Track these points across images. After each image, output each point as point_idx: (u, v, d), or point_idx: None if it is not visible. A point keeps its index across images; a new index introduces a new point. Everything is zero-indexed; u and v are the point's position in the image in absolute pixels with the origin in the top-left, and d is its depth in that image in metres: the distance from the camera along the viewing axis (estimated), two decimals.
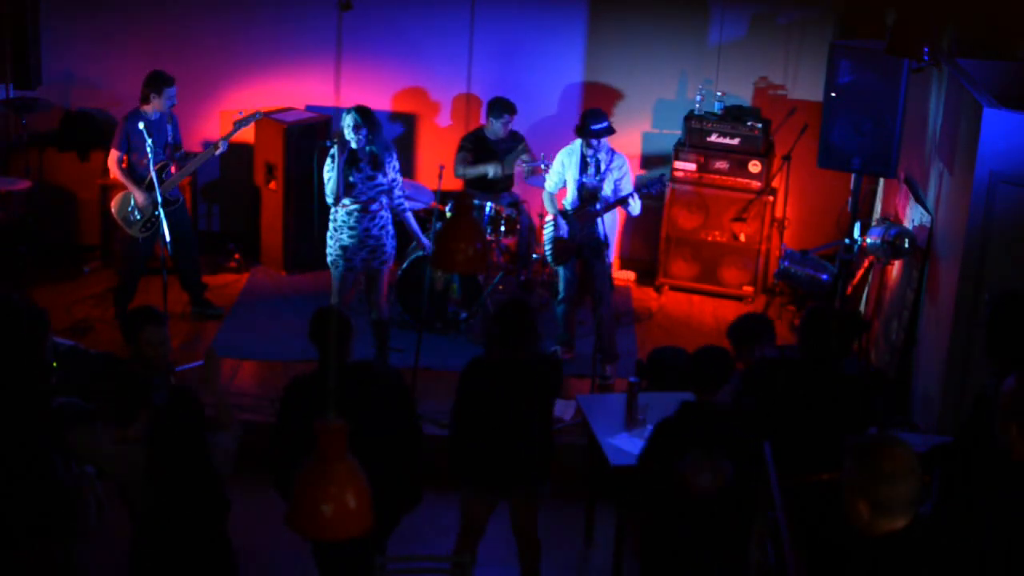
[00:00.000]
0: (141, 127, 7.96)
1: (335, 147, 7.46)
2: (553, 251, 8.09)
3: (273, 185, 9.47)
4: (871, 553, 3.67)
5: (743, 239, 9.39)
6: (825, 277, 8.60)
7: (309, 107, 9.78)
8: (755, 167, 9.29)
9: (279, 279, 9.56)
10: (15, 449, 4.70)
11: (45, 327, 4.92)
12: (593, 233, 7.95)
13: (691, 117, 9.41)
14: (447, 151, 9.33)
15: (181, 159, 8.42)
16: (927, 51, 6.57)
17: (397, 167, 7.68)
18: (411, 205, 8.07)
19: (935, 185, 7.39)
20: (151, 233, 8.25)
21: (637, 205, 7.91)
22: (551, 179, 8.18)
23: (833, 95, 7.67)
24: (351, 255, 7.60)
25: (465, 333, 8.62)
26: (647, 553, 5.32)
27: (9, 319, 4.79)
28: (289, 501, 2.92)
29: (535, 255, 8.98)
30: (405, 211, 7.82)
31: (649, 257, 9.86)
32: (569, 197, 8.07)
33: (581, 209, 7.99)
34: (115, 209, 8.32)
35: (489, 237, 8.55)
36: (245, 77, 9.81)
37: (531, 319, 5.64)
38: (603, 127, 7.89)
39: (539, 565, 6.02)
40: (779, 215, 9.47)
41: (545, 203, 8.23)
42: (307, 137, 9.28)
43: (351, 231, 7.57)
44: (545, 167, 8.63)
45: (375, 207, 7.57)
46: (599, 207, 7.94)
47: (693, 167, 9.40)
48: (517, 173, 9.06)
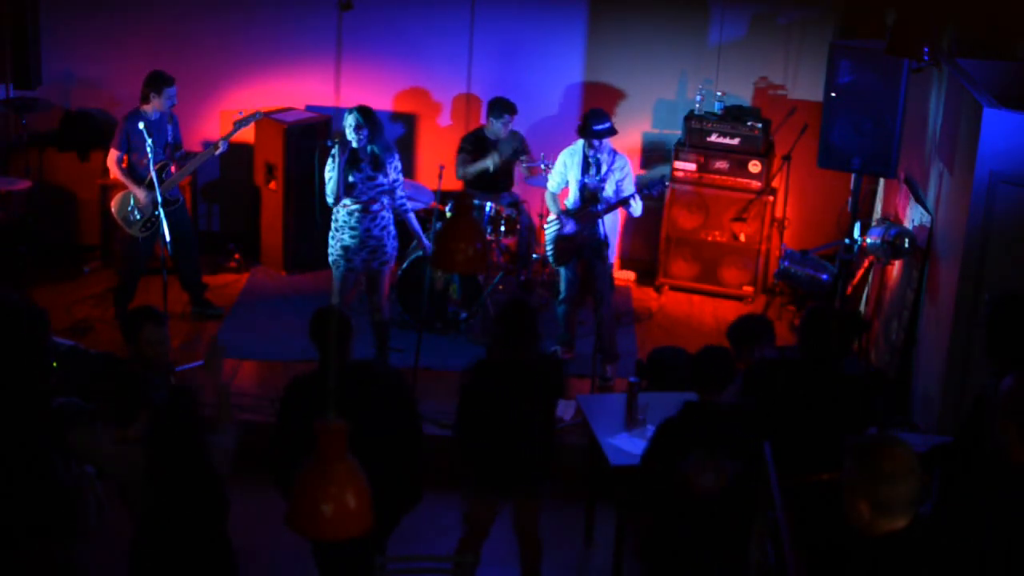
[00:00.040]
0: (141, 127, 7.96)
1: (336, 147, 7.46)
2: (555, 251, 8.08)
3: (273, 185, 9.47)
4: (871, 553, 3.67)
5: (743, 239, 9.39)
6: (825, 277, 8.60)
7: (309, 107, 9.78)
8: (755, 167, 9.29)
9: (279, 279, 9.56)
10: (15, 449, 4.70)
11: (45, 327, 4.92)
12: (595, 233, 7.94)
13: (691, 117, 9.41)
14: (447, 151, 9.33)
15: (181, 159, 8.42)
16: (927, 51, 6.57)
17: (399, 168, 7.68)
18: (412, 205, 8.06)
19: (935, 185, 7.39)
20: (151, 233, 8.25)
21: (638, 206, 7.91)
22: (553, 179, 8.18)
23: (833, 95, 7.67)
24: (352, 255, 7.60)
25: (465, 333, 8.62)
26: (648, 553, 5.32)
27: (9, 319, 4.78)
28: (289, 501, 2.92)
29: (535, 255, 8.99)
30: (407, 212, 7.82)
31: (649, 257, 9.86)
32: (571, 198, 8.07)
33: (583, 209, 7.99)
34: (115, 209, 8.32)
35: (489, 237, 8.56)
36: (245, 77, 9.81)
37: (532, 319, 5.65)
38: (605, 128, 7.89)
39: (540, 565, 6.02)
40: (779, 215, 9.47)
41: (548, 203, 8.23)
42: (307, 137, 9.28)
43: (352, 231, 7.57)
44: (545, 167, 8.63)
45: (376, 207, 7.56)
46: (601, 208, 7.94)
47: (693, 167, 9.40)
48: (517, 174, 9.07)
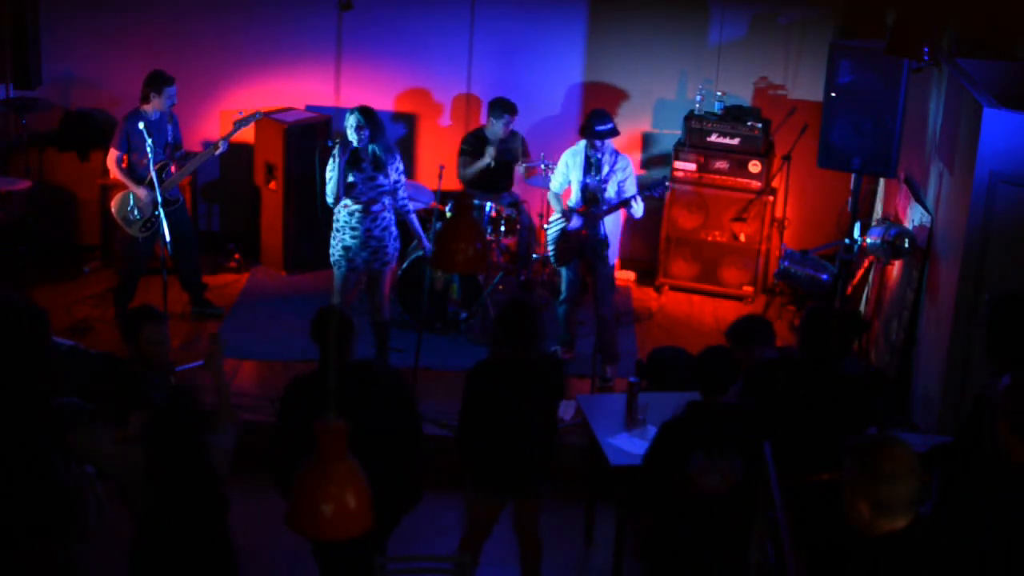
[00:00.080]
0: (141, 127, 7.96)
1: (337, 147, 7.46)
2: (556, 251, 8.09)
3: (273, 185, 9.46)
4: (871, 553, 3.67)
5: (743, 239, 9.39)
6: (825, 277, 8.60)
7: (309, 107, 9.78)
8: (755, 167, 9.29)
9: (279, 279, 9.56)
10: (15, 449, 4.70)
11: (45, 327, 4.92)
12: (595, 234, 7.94)
13: (691, 117, 9.41)
14: (447, 151, 9.34)
15: (181, 159, 8.42)
16: (927, 51, 6.57)
17: (401, 169, 7.68)
18: (413, 206, 8.06)
19: (935, 185, 7.39)
20: (151, 233, 8.25)
21: (640, 207, 7.89)
22: (556, 180, 8.18)
23: (833, 95, 7.66)
24: (353, 255, 7.60)
25: (465, 333, 8.62)
26: (648, 553, 5.32)
27: (9, 319, 4.78)
28: (289, 501, 2.92)
29: (535, 255, 8.98)
30: (409, 213, 7.81)
31: (649, 257, 9.86)
32: (573, 198, 8.07)
33: (584, 210, 7.99)
34: (115, 209, 8.32)
35: (489, 237, 8.55)
36: (245, 77, 9.81)
37: (532, 319, 5.64)
38: (607, 128, 7.88)
39: (540, 565, 6.02)
40: (779, 215, 9.47)
41: (552, 203, 8.24)
42: (307, 137, 9.28)
43: (352, 231, 7.57)
44: (545, 167, 8.63)
45: (377, 208, 7.56)
46: (603, 208, 7.94)
47: (693, 167, 9.40)
48: (517, 174, 9.06)
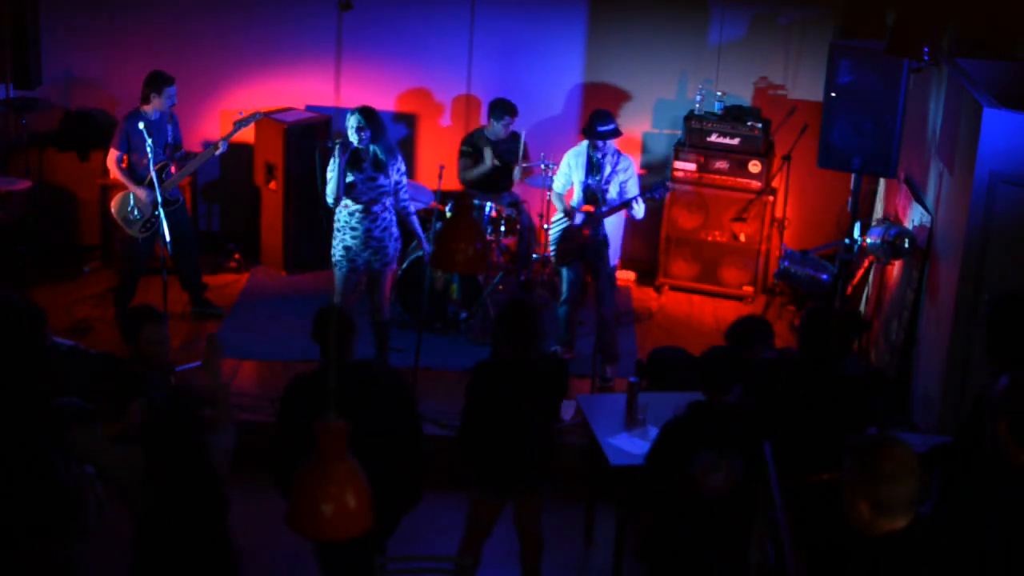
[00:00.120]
0: (141, 127, 7.96)
1: (337, 147, 7.46)
2: (558, 251, 8.09)
3: (273, 185, 9.46)
4: (871, 553, 3.66)
5: (743, 239, 9.39)
6: (825, 277, 8.60)
7: (309, 107, 9.78)
8: (755, 167, 9.29)
9: (279, 279, 9.56)
10: (15, 449, 4.70)
11: (43, 326, 4.92)
12: (597, 234, 7.94)
13: (691, 117, 9.41)
14: (447, 151, 9.34)
15: (181, 159, 8.42)
16: (927, 51, 6.57)
17: (402, 170, 7.67)
18: (414, 207, 8.05)
19: (935, 185, 7.39)
20: (151, 233, 8.25)
21: (641, 209, 7.89)
22: (558, 180, 8.19)
23: (833, 95, 7.66)
24: (354, 256, 7.60)
25: (465, 333, 8.62)
26: (648, 553, 5.31)
27: (9, 319, 4.78)
28: (289, 501, 2.92)
29: (535, 255, 8.98)
30: (410, 214, 7.81)
31: (649, 257, 9.85)
32: (575, 198, 8.07)
33: (587, 210, 7.98)
34: (115, 209, 8.31)
35: (489, 237, 8.55)
36: (245, 77, 9.81)
37: (532, 318, 5.64)
38: (610, 129, 7.89)
39: (540, 565, 6.02)
40: (779, 215, 9.47)
41: (555, 204, 8.25)
42: (307, 137, 9.28)
43: (353, 231, 7.57)
44: (545, 167, 8.63)
45: (377, 208, 7.56)
46: (604, 209, 7.94)
47: (693, 167, 9.40)
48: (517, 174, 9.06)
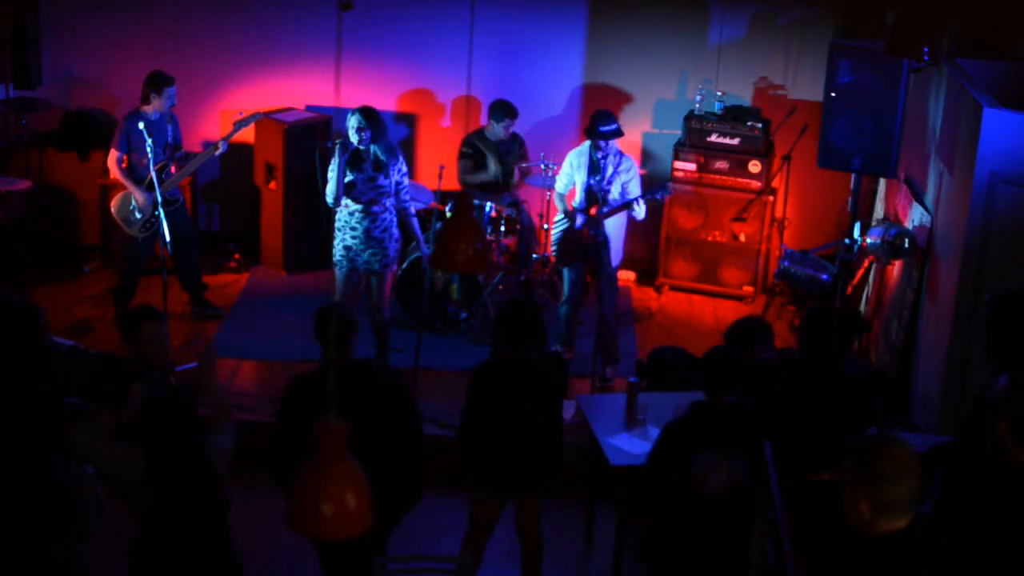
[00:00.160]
0: (141, 127, 7.95)
1: (337, 147, 7.45)
2: (560, 251, 8.09)
3: (273, 185, 9.46)
4: (871, 553, 3.66)
5: (743, 239, 9.39)
6: (825, 277, 8.60)
7: (309, 107, 9.78)
8: (755, 167, 9.29)
9: (279, 279, 9.56)
10: (15, 449, 4.70)
11: (43, 326, 4.92)
12: (598, 234, 7.95)
13: (691, 117, 9.41)
14: (447, 151, 9.34)
15: (181, 159, 8.42)
16: (927, 51, 6.57)
17: (403, 171, 7.66)
18: (414, 207, 8.04)
19: (935, 185, 7.39)
20: (151, 233, 8.25)
21: (642, 210, 7.89)
22: (561, 180, 8.20)
23: (833, 95, 7.66)
24: (354, 256, 7.60)
25: (465, 333, 8.62)
26: (648, 553, 5.31)
27: (9, 319, 4.78)
28: (290, 501, 2.92)
29: (535, 255, 8.98)
30: (411, 215, 7.81)
31: (649, 257, 9.85)
32: (577, 199, 8.08)
33: (587, 211, 7.99)
34: (115, 209, 8.31)
35: (489, 237, 8.55)
36: (245, 77, 9.81)
37: (532, 318, 5.64)
38: (612, 129, 7.89)
39: (540, 565, 6.02)
40: (779, 215, 9.47)
41: (557, 203, 8.25)
42: (307, 137, 9.28)
43: (353, 231, 7.57)
44: (545, 167, 8.63)
45: (377, 208, 7.56)
46: (606, 210, 7.94)
47: (693, 167, 9.40)
48: (517, 173, 9.06)
